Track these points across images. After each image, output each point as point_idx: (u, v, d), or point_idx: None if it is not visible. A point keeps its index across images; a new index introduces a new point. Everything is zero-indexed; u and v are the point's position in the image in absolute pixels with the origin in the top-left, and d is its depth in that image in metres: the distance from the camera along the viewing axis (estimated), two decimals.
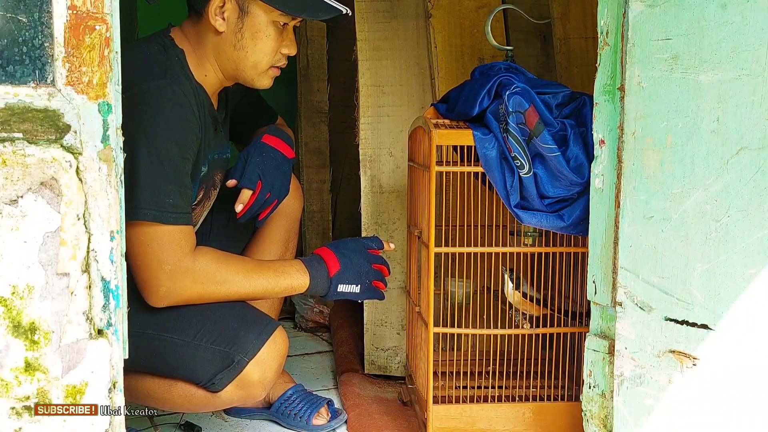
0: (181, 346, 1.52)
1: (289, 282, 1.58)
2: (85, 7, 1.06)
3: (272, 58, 1.58)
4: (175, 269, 1.45)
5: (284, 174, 1.70)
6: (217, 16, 1.53)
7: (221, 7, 1.53)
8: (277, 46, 1.57)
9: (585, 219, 1.50)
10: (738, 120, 1.24)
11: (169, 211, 1.44)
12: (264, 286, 1.56)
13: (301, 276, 1.59)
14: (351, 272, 1.62)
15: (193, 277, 1.48)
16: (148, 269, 1.45)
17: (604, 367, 1.41)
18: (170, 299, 1.48)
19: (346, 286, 1.61)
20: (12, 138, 1.04)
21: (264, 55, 1.56)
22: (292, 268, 1.59)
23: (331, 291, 1.61)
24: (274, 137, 1.72)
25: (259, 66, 1.58)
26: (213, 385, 1.53)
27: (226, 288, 1.52)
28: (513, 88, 1.56)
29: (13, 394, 1.07)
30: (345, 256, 1.63)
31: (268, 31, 1.54)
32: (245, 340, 1.52)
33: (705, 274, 1.28)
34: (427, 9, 2.14)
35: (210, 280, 1.50)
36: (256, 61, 1.57)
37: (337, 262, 1.61)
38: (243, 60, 1.57)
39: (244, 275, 1.54)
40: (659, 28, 1.29)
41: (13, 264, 1.05)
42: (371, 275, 1.64)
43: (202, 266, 1.48)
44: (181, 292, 1.48)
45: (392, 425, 1.79)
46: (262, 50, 1.56)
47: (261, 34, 1.54)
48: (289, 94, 2.93)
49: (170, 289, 1.46)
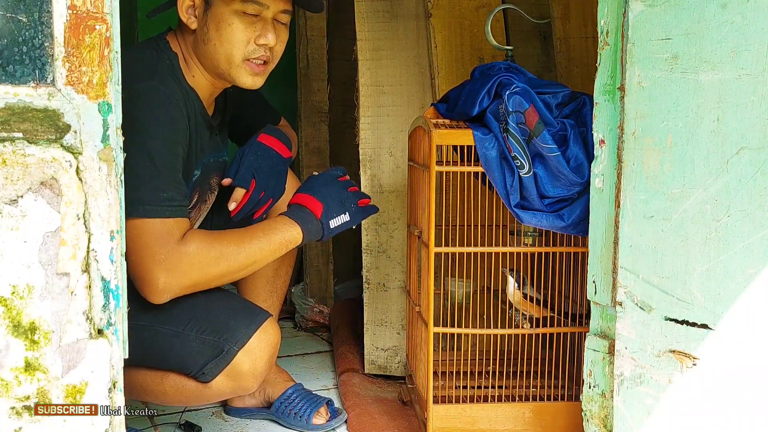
0: (172, 337, 1.53)
1: (281, 236, 1.56)
2: (85, 7, 1.06)
3: (243, 48, 1.56)
4: (169, 258, 1.44)
5: (279, 173, 1.70)
6: (189, 15, 1.56)
7: (192, 6, 1.56)
8: (245, 37, 1.55)
9: (585, 219, 1.50)
10: (738, 120, 1.24)
11: (164, 204, 1.44)
12: (259, 247, 1.53)
13: (291, 227, 1.57)
14: (334, 205, 1.61)
15: (188, 260, 1.45)
16: (143, 264, 1.43)
17: (604, 367, 1.41)
18: (171, 290, 1.46)
19: (336, 220, 1.61)
20: (12, 138, 1.04)
21: (232, 46, 1.55)
22: (278, 223, 1.58)
23: (325, 231, 1.61)
24: (270, 136, 1.72)
25: (232, 59, 1.56)
26: (203, 376, 1.53)
27: (225, 262, 1.49)
28: (513, 88, 1.56)
29: (13, 394, 1.07)
30: (322, 194, 1.62)
31: (230, 20, 1.54)
32: (235, 330, 1.52)
33: (705, 274, 1.28)
34: (427, 9, 2.14)
35: (205, 259, 1.47)
36: (227, 54, 1.56)
37: (317, 201, 1.60)
38: (214, 53, 1.57)
39: (237, 244, 1.51)
40: (659, 28, 1.29)
41: (13, 264, 1.05)
42: (352, 199, 1.64)
43: (193, 248, 1.46)
44: (180, 280, 1.45)
45: (392, 425, 1.79)
46: (228, 41, 1.55)
47: (224, 24, 1.54)
48: (289, 95, 2.93)
49: (168, 280, 1.44)
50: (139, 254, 1.43)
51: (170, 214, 1.45)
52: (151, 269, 1.43)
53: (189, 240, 1.47)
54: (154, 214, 1.43)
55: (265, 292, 1.90)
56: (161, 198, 1.44)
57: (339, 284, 2.81)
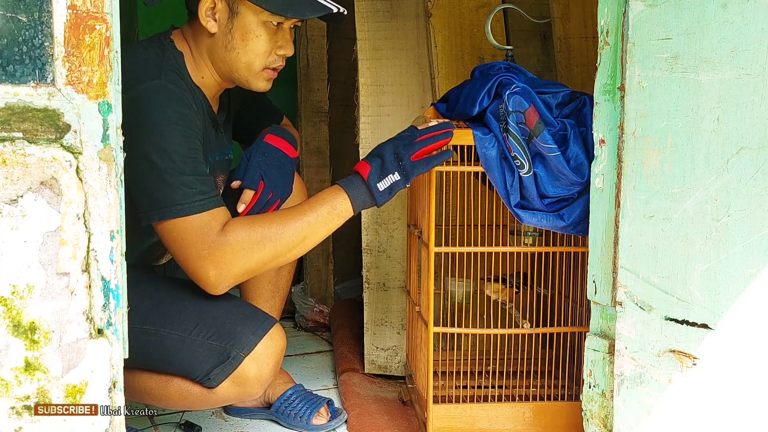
0: (178, 341, 1.53)
1: (328, 206, 1.51)
2: (85, 7, 1.06)
3: (265, 59, 1.57)
4: (212, 252, 1.45)
5: (287, 174, 1.70)
6: (208, 18, 1.54)
7: (212, 9, 1.54)
8: (269, 47, 1.56)
9: (585, 218, 1.50)
10: (738, 119, 1.24)
11: (196, 200, 1.45)
12: (306, 222, 1.49)
13: (337, 194, 1.52)
14: (381, 165, 1.52)
15: (231, 249, 1.45)
16: (190, 261, 1.46)
17: (604, 367, 1.41)
18: (224, 281, 1.47)
19: (385, 181, 1.51)
20: (12, 137, 1.04)
21: (256, 56, 1.56)
22: (325, 193, 1.54)
23: (375, 194, 1.52)
24: (277, 137, 1.72)
25: (253, 67, 1.57)
26: (209, 381, 1.53)
27: (270, 244, 1.47)
28: (513, 88, 1.56)
29: (13, 394, 1.07)
30: (373, 156, 1.55)
31: (258, 31, 1.54)
32: (242, 336, 1.52)
33: (705, 274, 1.28)
34: (427, 8, 2.14)
35: (248, 245, 1.46)
36: (249, 62, 1.56)
37: (367, 164, 1.54)
38: (235, 61, 1.57)
39: (280, 223, 1.49)
40: (659, 28, 1.29)
41: (13, 263, 1.05)
42: (407, 153, 1.52)
43: (233, 236, 1.46)
44: (229, 270, 1.46)
45: (392, 425, 1.79)
46: (253, 51, 1.55)
47: (251, 35, 1.54)
48: (289, 94, 2.93)
49: (217, 273, 1.46)
50: (185, 254, 1.45)
51: (204, 207, 1.45)
52: (200, 266, 1.45)
53: (229, 229, 1.46)
54: (188, 212, 1.44)
55: (267, 292, 1.90)
56: (191, 194, 1.45)
57: (339, 284, 2.81)
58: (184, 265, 1.48)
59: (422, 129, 1.57)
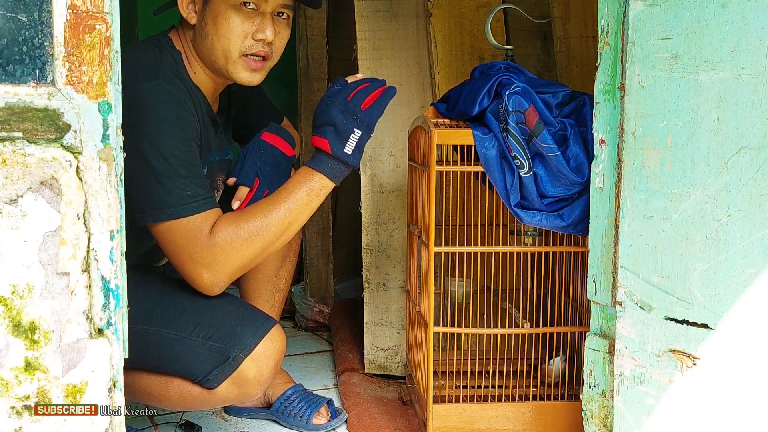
0: (178, 342, 1.53)
1: (306, 188, 1.51)
2: (85, 7, 1.06)
3: (241, 43, 1.55)
4: (203, 254, 1.46)
5: (282, 171, 1.70)
6: (189, 10, 1.57)
7: (192, 2, 1.57)
8: (242, 30, 1.55)
9: (585, 218, 1.50)
10: (738, 119, 1.24)
11: (189, 203, 1.46)
12: (287, 209, 1.50)
13: (311, 176, 1.52)
14: (340, 129, 1.51)
15: (221, 250, 1.47)
16: (184, 265, 1.48)
17: (604, 367, 1.41)
18: (219, 282, 1.49)
19: (348, 144, 1.51)
20: (12, 137, 1.04)
21: (228, 41, 1.55)
22: (299, 176, 1.53)
23: (346, 159, 1.51)
24: (274, 135, 1.72)
25: (229, 54, 1.56)
26: (209, 382, 1.53)
27: (258, 238, 1.49)
28: (513, 88, 1.56)
29: (13, 394, 1.07)
30: (323, 125, 1.53)
31: (227, 14, 1.53)
32: (242, 337, 1.52)
33: (705, 274, 1.28)
34: (427, 8, 2.14)
35: (237, 244, 1.47)
36: (224, 49, 1.56)
37: (321, 138, 1.53)
38: (211, 48, 1.57)
39: (263, 216, 1.50)
40: (659, 28, 1.29)
41: (13, 263, 1.05)
42: (356, 105, 1.51)
43: (222, 236, 1.47)
44: (222, 270, 1.48)
45: (392, 425, 1.79)
46: (224, 35, 1.54)
47: (220, 18, 1.54)
48: (289, 94, 2.93)
49: (211, 275, 1.47)
50: (178, 257, 1.47)
51: (196, 210, 1.46)
52: (193, 269, 1.47)
53: (217, 230, 1.47)
54: (180, 214, 1.45)
55: (267, 292, 1.90)
56: (185, 197, 1.45)
57: (339, 284, 2.81)
58: (179, 268, 1.49)
59: (354, 81, 1.56)
